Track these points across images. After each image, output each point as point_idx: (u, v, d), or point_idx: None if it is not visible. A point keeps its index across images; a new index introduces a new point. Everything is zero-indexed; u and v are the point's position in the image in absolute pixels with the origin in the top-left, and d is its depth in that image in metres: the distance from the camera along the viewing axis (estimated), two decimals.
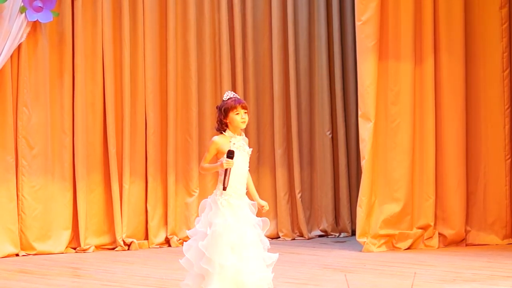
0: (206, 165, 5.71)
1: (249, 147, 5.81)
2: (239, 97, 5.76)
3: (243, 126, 5.73)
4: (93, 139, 10.03)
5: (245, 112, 5.68)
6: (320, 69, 11.42)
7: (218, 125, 5.72)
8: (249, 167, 5.80)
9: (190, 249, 5.66)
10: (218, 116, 5.71)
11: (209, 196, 5.75)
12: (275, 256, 5.71)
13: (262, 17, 11.14)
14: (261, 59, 11.12)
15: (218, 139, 5.69)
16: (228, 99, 5.70)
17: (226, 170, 5.57)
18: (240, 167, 5.67)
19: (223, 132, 5.70)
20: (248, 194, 5.77)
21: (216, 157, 5.72)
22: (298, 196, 11.12)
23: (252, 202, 5.75)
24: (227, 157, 5.59)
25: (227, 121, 5.67)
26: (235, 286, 5.54)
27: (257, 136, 11.05)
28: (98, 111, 10.07)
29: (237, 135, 5.70)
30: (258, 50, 11.11)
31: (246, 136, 11.20)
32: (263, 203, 5.78)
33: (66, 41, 9.83)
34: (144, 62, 10.32)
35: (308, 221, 11.23)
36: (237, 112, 5.65)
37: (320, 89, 11.42)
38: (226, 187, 5.59)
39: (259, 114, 11.10)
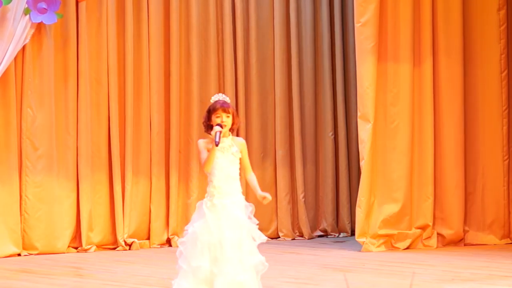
0: (204, 158, 5.61)
1: (237, 148, 5.70)
2: (227, 100, 5.72)
3: (224, 129, 5.63)
4: (97, 140, 10.05)
5: (227, 116, 5.63)
6: (323, 70, 11.46)
7: (204, 126, 5.72)
8: (252, 167, 5.78)
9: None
10: (204, 118, 5.71)
11: None
12: (257, 258, 5.59)
13: (265, 20, 11.17)
14: (264, 62, 11.15)
15: (201, 141, 5.68)
16: (214, 101, 5.69)
17: (216, 133, 5.51)
18: (223, 167, 5.61)
19: (210, 135, 5.65)
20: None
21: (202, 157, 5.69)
22: (300, 196, 11.18)
23: (246, 203, 5.66)
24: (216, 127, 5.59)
25: (211, 123, 5.65)
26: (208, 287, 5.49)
27: (260, 137, 11.09)
28: (102, 112, 10.09)
29: (222, 136, 5.63)
30: (261, 52, 11.14)
31: (247, 137, 11.23)
32: (264, 194, 5.70)
33: (70, 42, 9.85)
34: (148, 64, 10.34)
35: (312, 222, 11.30)
36: (218, 115, 5.61)
37: (323, 91, 11.47)
38: (218, 143, 5.51)
39: (262, 115, 11.14)
